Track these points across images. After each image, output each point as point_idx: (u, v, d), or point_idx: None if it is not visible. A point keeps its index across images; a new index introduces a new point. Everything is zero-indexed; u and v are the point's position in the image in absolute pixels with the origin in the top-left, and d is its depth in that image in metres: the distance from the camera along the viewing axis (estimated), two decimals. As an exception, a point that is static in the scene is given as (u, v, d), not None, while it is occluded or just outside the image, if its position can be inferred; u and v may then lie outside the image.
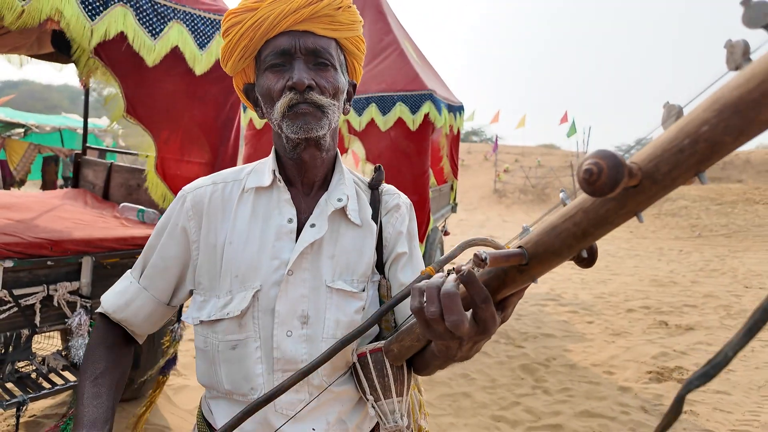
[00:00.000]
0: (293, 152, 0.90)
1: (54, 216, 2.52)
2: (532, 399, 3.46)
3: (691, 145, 0.38)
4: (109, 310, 0.95)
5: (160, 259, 0.93)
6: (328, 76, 0.87)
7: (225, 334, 0.86)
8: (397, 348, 0.79)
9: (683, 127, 0.39)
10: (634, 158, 0.43)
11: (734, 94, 0.35)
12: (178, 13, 2.28)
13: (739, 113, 0.35)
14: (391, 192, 1.02)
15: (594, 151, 0.41)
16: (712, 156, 0.37)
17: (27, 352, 2.01)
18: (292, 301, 0.86)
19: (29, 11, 1.72)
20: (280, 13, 0.83)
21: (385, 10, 4.76)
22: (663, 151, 0.40)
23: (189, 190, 0.95)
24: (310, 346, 0.86)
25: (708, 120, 0.37)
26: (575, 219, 0.48)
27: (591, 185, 0.40)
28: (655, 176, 0.41)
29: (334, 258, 0.90)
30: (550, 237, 0.51)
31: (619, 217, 0.45)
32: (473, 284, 0.58)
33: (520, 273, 0.56)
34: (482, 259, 0.52)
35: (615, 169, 0.39)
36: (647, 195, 0.42)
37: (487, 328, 0.60)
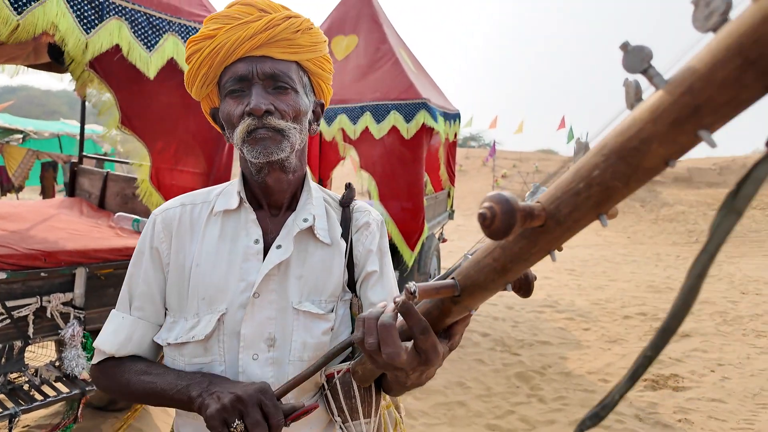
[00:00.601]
0: (258, 176, 0.90)
1: (48, 226, 2.53)
2: (527, 407, 3.46)
3: (586, 188, 0.38)
4: (112, 351, 0.90)
5: (145, 284, 0.92)
6: (288, 100, 0.87)
7: (191, 357, 0.86)
8: (362, 370, 0.78)
9: (579, 169, 0.39)
10: (540, 197, 0.43)
11: (618, 141, 0.35)
12: (174, 25, 2.30)
13: (623, 160, 0.35)
14: (361, 209, 1.02)
15: (490, 194, 0.42)
16: (607, 200, 0.37)
17: (19, 364, 2.01)
18: (258, 324, 0.85)
19: (24, 25, 1.74)
20: (236, 40, 0.84)
21: (380, 20, 4.80)
22: (562, 193, 0.40)
23: (158, 213, 0.95)
24: (277, 369, 0.85)
25: (598, 164, 0.37)
26: (494, 254, 0.49)
27: (487, 228, 0.41)
28: (557, 217, 0.41)
29: (302, 278, 0.89)
30: (476, 270, 0.51)
31: (533, 255, 0.45)
32: (410, 315, 0.58)
33: (455, 304, 0.56)
34: (411, 292, 0.53)
35: (508, 214, 0.39)
36: (554, 235, 0.42)
37: (429, 359, 0.60)
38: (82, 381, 2.12)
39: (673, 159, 0.34)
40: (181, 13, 2.37)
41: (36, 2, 1.77)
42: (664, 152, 0.33)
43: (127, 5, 2.11)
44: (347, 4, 4.91)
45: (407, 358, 0.60)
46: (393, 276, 1.01)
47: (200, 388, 0.79)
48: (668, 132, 0.32)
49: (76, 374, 2.09)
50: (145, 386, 0.84)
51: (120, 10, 2.08)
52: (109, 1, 2.03)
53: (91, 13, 1.97)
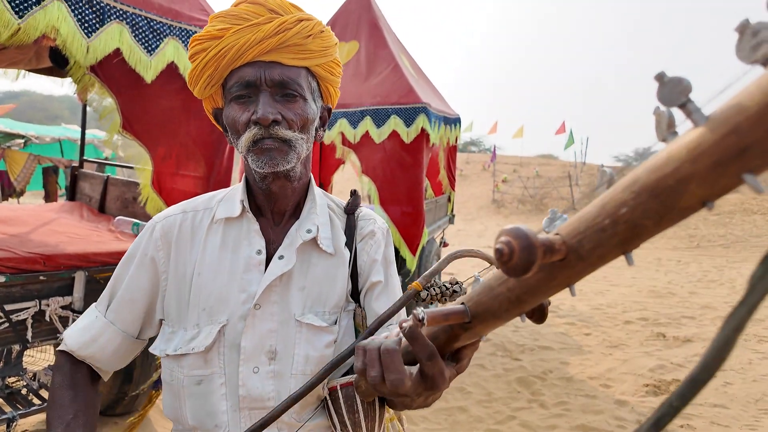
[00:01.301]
0: (262, 183, 0.88)
1: (48, 230, 2.53)
2: (528, 413, 3.44)
3: (612, 225, 0.35)
4: (74, 348, 0.89)
5: (128, 291, 0.90)
6: (296, 108, 0.84)
7: (190, 369, 0.83)
8: (365, 385, 0.75)
9: (604, 204, 0.36)
10: (560, 229, 0.40)
11: (651, 177, 0.32)
12: (174, 29, 2.31)
13: (656, 198, 0.32)
14: (366, 217, 0.98)
15: (508, 228, 0.38)
16: (634, 238, 0.35)
17: (18, 368, 2.01)
18: (259, 336, 0.83)
19: (25, 29, 1.74)
20: (245, 44, 0.80)
21: (381, 25, 4.82)
22: (586, 228, 0.37)
23: (158, 220, 0.92)
24: (278, 383, 0.83)
25: (626, 202, 0.34)
26: (509, 284, 0.46)
27: (504, 265, 0.38)
28: (580, 252, 0.38)
29: (305, 289, 0.87)
30: (489, 298, 0.49)
31: (551, 288, 0.42)
32: (417, 341, 0.55)
33: (465, 330, 0.53)
34: (419, 319, 0.50)
35: (527, 251, 0.37)
36: (575, 270, 0.39)
37: (435, 385, 0.57)
38: (81, 385, 2.11)
39: (712, 200, 0.31)
40: (182, 17, 2.38)
41: (37, 6, 1.77)
42: (702, 193, 0.31)
43: (128, 9, 2.12)
44: (348, 9, 4.93)
45: (412, 384, 0.57)
46: (398, 286, 0.98)
47: None
48: (709, 173, 0.30)
49: (75, 378, 2.09)
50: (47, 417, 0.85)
51: (121, 14, 2.09)
52: (110, 5, 2.04)
53: (92, 17, 1.98)
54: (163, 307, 0.90)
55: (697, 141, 0.30)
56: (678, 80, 0.31)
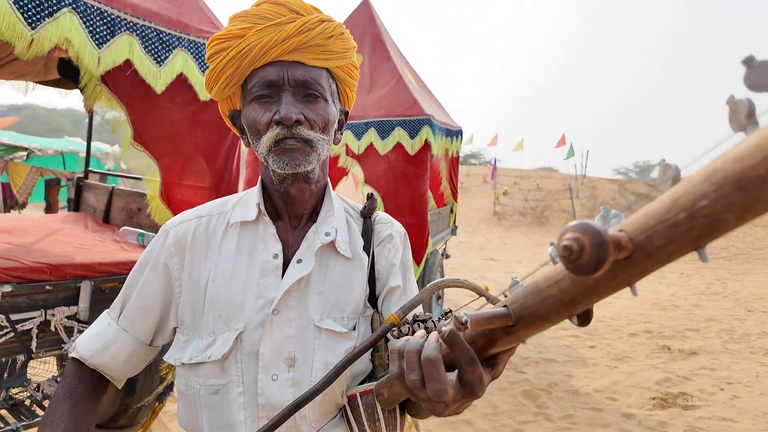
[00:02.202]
0: (280, 186, 0.86)
1: (54, 240, 2.53)
2: (534, 426, 3.39)
3: (688, 220, 0.33)
4: (85, 356, 0.88)
5: (141, 298, 0.88)
6: (318, 109, 0.83)
7: (207, 378, 0.81)
8: (387, 393, 0.74)
9: (678, 198, 0.34)
10: (624, 225, 0.38)
11: (736, 168, 0.30)
12: (183, 41, 2.34)
13: (742, 190, 0.30)
14: (384, 221, 0.97)
15: (575, 224, 0.36)
16: (713, 233, 0.32)
17: (22, 379, 1.99)
18: (277, 343, 0.81)
19: (38, 40, 1.76)
20: (267, 43, 0.79)
21: (384, 38, 4.87)
22: (656, 224, 0.35)
23: (171, 225, 0.91)
24: (297, 390, 0.80)
25: (706, 194, 0.32)
26: (562, 285, 0.43)
27: (572, 263, 0.36)
28: (647, 250, 0.36)
29: (323, 294, 0.85)
30: (536, 301, 0.46)
31: (610, 289, 0.40)
32: (457, 346, 0.53)
33: (507, 334, 0.51)
34: (462, 323, 0.48)
35: (599, 247, 0.35)
36: (640, 268, 0.37)
37: (474, 391, 0.55)
38: (85, 396, 2.09)
39: None
40: (191, 29, 2.41)
41: (49, 17, 1.80)
42: None
43: (138, 21, 2.15)
44: (352, 23, 4.99)
45: (451, 395, 0.55)
46: (417, 291, 0.96)
47: None
48: None
49: (79, 390, 2.06)
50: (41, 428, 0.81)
51: (131, 26, 2.11)
52: (120, 17, 2.07)
53: (103, 29, 2.00)
54: (177, 314, 0.88)
55: None
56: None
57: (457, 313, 0.49)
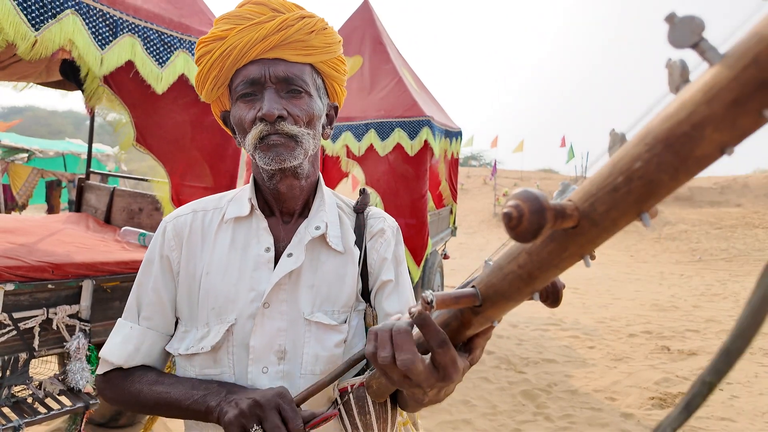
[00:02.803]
0: (270, 182, 0.88)
1: (56, 240, 2.54)
2: (533, 426, 3.40)
3: (626, 182, 0.33)
4: (121, 362, 0.87)
5: (155, 294, 0.89)
6: (302, 104, 0.84)
7: (201, 368, 0.83)
8: (376, 384, 0.74)
9: (617, 162, 0.34)
10: (571, 195, 0.38)
11: (664, 126, 0.30)
12: (184, 42, 2.36)
13: (671, 148, 0.30)
14: (376, 216, 0.98)
15: (516, 192, 0.37)
16: (650, 195, 0.33)
17: (24, 377, 2.00)
18: (267, 335, 0.82)
19: (42, 41, 1.78)
20: (248, 42, 0.81)
21: (384, 41, 4.90)
22: (598, 189, 0.35)
23: (169, 220, 0.93)
24: (288, 383, 0.82)
25: (640, 155, 0.32)
26: (519, 260, 0.44)
27: (513, 230, 0.36)
28: (592, 216, 0.36)
29: (314, 288, 0.86)
30: (498, 279, 0.46)
31: (564, 261, 0.40)
32: (427, 326, 0.53)
33: (476, 315, 0.51)
34: (428, 302, 0.48)
35: (537, 213, 0.35)
36: (588, 237, 0.37)
37: (448, 374, 0.55)
38: (86, 394, 2.10)
39: (731, 146, 0.29)
40: (191, 31, 2.43)
41: (53, 19, 1.82)
42: (721, 138, 0.28)
43: (140, 23, 2.17)
44: (352, 25, 5.02)
45: (424, 372, 0.55)
46: (409, 285, 0.97)
47: (218, 397, 0.76)
48: (726, 114, 0.27)
49: (80, 387, 2.08)
50: (158, 396, 0.81)
51: (133, 27, 2.14)
52: (122, 19, 2.09)
53: (105, 30, 2.02)
54: (177, 306, 0.90)
55: (713, 80, 0.28)
56: (690, 18, 0.29)
57: (424, 293, 0.50)
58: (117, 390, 0.88)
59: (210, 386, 0.80)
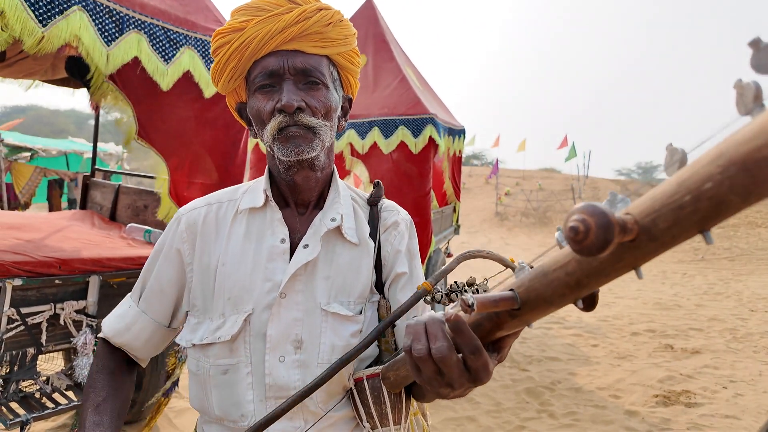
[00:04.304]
0: (286, 174, 0.88)
1: (62, 236, 2.55)
2: (537, 423, 3.41)
3: (693, 202, 0.33)
4: (109, 335, 0.93)
5: (157, 282, 0.91)
6: (319, 96, 0.84)
7: (216, 358, 0.84)
8: (393, 376, 0.76)
9: (684, 180, 0.34)
10: (630, 209, 0.38)
11: (741, 150, 0.30)
12: (190, 39, 2.37)
13: (747, 172, 0.30)
14: (390, 208, 0.98)
15: (582, 205, 0.37)
16: (717, 215, 0.32)
17: (32, 372, 2.01)
18: (284, 325, 0.83)
19: (49, 37, 1.79)
20: (267, 33, 0.81)
21: (387, 38, 4.90)
22: (662, 206, 0.35)
23: (183, 212, 0.93)
24: (304, 372, 0.83)
25: (712, 176, 0.32)
26: (568, 268, 0.43)
27: (578, 244, 0.36)
28: (653, 232, 0.36)
29: (330, 279, 0.87)
30: (542, 284, 0.47)
31: (615, 271, 0.40)
32: (462, 333, 0.53)
33: (512, 317, 0.51)
34: (469, 305, 0.48)
35: (604, 228, 0.35)
36: (645, 251, 0.37)
37: (479, 377, 0.56)
38: (93, 390, 2.11)
39: None
40: (197, 27, 2.43)
41: (60, 15, 1.83)
42: None
43: (146, 19, 2.17)
44: (356, 24, 5.02)
45: (457, 368, 0.55)
46: (423, 278, 0.97)
47: None
48: None
49: (87, 383, 2.09)
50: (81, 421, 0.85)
51: (139, 23, 2.14)
52: (128, 15, 2.10)
53: (111, 27, 2.03)
54: (189, 298, 0.90)
55: None
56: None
57: (464, 296, 0.49)
58: (95, 364, 0.93)
59: None
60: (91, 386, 0.90)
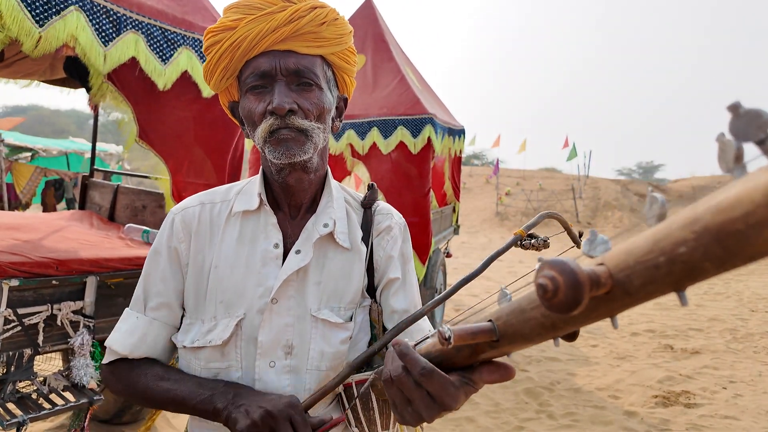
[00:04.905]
0: (279, 175, 0.87)
1: (60, 236, 2.55)
2: (536, 423, 3.40)
3: (667, 264, 0.32)
4: (126, 352, 0.87)
5: (162, 283, 0.89)
6: (312, 98, 0.83)
7: (207, 361, 0.83)
8: (381, 385, 0.76)
9: (659, 240, 0.33)
10: (605, 259, 0.37)
11: (716, 219, 0.29)
12: (187, 39, 2.36)
13: (720, 243, 0.29)
14: (383, 212, 0.97)
15: (550, 260, 0.36)
16: (692, 279, 0.32)
17: (28, 372, 2.01)
18: (276, 331, 0.83)
19: (46, 37, 1.79)
20: (259, 33, 0.79)
21: (387, 38, 4.89)
22: (636, 263, 0.34)
23: (177, 211, 0.92)
24: (294, 377, 0.83)
25: (686, 241, 0.31)
26: (543, 310, 0.42)
27: (547, 301, 0.36)
28: (627, 287, 0.35)
29: (321, 284, 0.86)
30: (519, 321, 0.46)
31: (590, 319, 0.40)
32: (405, 356, 0.56)
33: (491, 348, 0.51)
34: (446, 338, 0.48)
35: (574, 289, 0.34)
36: (621, 303, 0.36)
37: (443, 402, 0.56)
38: (90, 390, 2.11)
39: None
40: (195, 27, 2.43)
41: (57, 16, 1.82)
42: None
43: (144, 20, 2.17)
44: (355, 24, 5.01)
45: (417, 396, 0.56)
46: (416, 283, 0.97)
47: (225, 399, 0.76)
48: None
49: (85, 383, 2.08)
50: (165, 393, 0.81)
51: (136, 24, 2.14)
52: (126, 15, 2.09)
53: (108, 27, 2.03)
54: (183, 299, 0.90)
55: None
56: (756, 113, 0.27)
57: (440, 328, 0.50)
58: (123, 381, 0.88)
59: (216, 386, 0.80)
60: (140, 386, 0.85)
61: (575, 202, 19.46)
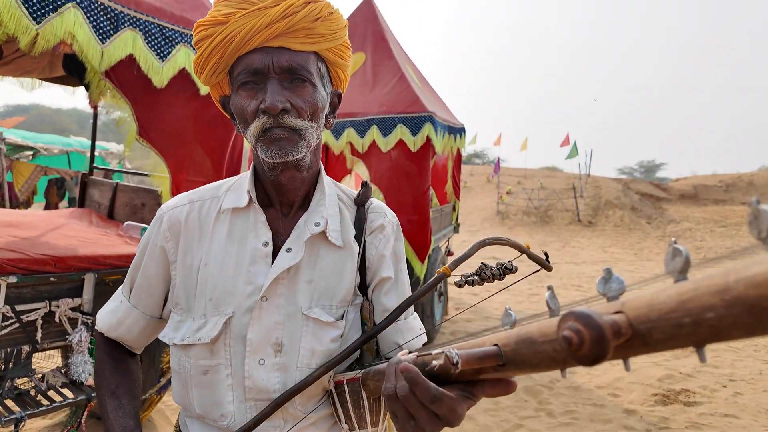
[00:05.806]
0: (271, 173, 0.86)
1: (59, 234, 2.55)
2: (535, 421, 3.40)
3: (693, 325, 0.32)
4: (103, 329, 0.96)
5: (144, 278, 0.92)
6: (306, 95, 0.81)
7: (197, 359, 0.84)
8: (374, 385, 0.75)
9: (686, 301, 0.33)
10: (626, 308, 0.37)
11: (751, 293, 0.29)
12: (186, 36, 2.36)
13: (752, 314, 0.29)
14: (377, 210, 0.96)
15: (576, 312, 0.36)
16: (715, 340, 0.32)
17: (27, 369, 2.01)
18: (265, 329, 0.83)
19: (43, 34, 1.78)
20: (251, 29, 0.77)
21: (386, 37, 4.89)
22: (659, 318, 0.34)
23: (165, 210, 0.91)
24: (284, 375, 0.83)
25: (715, 307, 0.31)
26: (555, 346, 0.42)
27: (572, 353, 0.36)
28: (646, 339, 0.35)
29: (312, 283, 0.86)
30: (529, 352, 0.46)
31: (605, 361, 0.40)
32: (417, 384, 0.56)
33: (496, 371, 0.51)
34: (454, 363, 0.48)
35: (599, 343, 0.34)
36: (636, 351, 0.37)
37: (448, 421, 0.57)
38: (88, 387, 2.11)
39: None
40: (193, 25, 2.43)
41: (54, 12, 1.82)
42: None
43: (141, 17, 2.17)
44: (354, 22, 5.01)
45: (423, 415, 0.57)
46: (408, 282, 0.97)
47: None
48: None
49: (83, 380, 2.09)
50: (102, 406, 0.89)
51: (134, 21, 2.14)
52: (123, 13, 2.09)
53: (106, 24, 2.03)
54: (173, 296, 0.90)
55: None
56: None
57: (448, 351, 0.50)
58: (98, 362, 0.96)
59: None
60: (101, 376, 0.93)
61: (576, 200, 19.43)
